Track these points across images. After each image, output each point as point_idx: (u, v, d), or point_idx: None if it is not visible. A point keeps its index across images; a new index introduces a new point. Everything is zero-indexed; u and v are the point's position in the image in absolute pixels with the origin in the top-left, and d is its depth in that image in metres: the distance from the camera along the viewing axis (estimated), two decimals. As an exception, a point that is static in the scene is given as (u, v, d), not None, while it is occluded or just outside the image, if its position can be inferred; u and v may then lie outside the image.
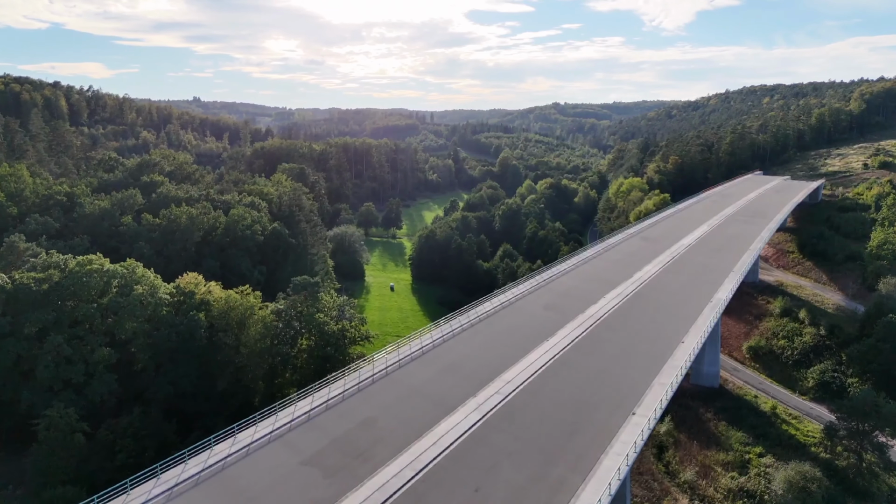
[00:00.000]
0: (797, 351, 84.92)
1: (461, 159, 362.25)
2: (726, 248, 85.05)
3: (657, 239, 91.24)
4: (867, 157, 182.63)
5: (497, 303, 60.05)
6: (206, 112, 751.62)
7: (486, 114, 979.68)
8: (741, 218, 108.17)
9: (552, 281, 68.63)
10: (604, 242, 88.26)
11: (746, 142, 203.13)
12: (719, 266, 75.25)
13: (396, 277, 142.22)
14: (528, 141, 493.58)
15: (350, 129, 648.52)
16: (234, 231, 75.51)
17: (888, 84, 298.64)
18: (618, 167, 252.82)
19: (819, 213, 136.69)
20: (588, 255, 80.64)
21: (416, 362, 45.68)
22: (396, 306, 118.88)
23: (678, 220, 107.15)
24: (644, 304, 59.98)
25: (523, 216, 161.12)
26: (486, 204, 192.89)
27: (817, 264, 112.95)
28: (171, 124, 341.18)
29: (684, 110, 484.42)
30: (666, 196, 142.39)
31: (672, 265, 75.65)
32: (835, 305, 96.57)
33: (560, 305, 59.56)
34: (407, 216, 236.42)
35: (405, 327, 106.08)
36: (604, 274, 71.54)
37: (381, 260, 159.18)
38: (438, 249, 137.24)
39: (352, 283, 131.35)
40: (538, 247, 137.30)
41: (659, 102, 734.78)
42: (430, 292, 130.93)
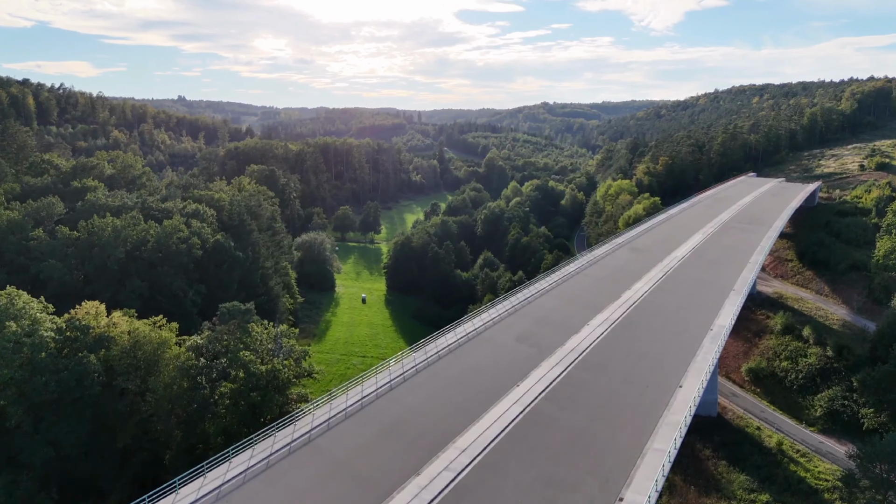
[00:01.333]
0: (802, 374, 76.81)
1: (447, 160, 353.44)
2: (724, 262, 76.70)
3: (647, 250, 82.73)
4: (863, 158, 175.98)
5: (463, 333, 51.00)
6: (191, 111, 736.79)
7: (475, 113, 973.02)
8: (737, 225, 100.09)
9: (529, 303, 59.74)
10: (589, 254, 79.61)
11: (738, 142, 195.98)
12: (717, 283, 66.80)
13: (370, 287, 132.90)
14: (515, 141, 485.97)
15: (336, 129, 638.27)
16: (167, 245, 65.87)
17: (878, 84, 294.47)
18: (606, 168, 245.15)
19: (817, 217, 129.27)
20: (571, 269, 71.88)
21: (351, 420, 36.51)
22: (367, 321, 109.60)
23: (670, 227, 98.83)
24: (634, 334, 51.23)
25: (506, 221, 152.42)
26: (468, 207, 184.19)
27: (818, 274, 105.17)
28: (144, 123, 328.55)
29: (673, 110, 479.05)
30: (656, 200, 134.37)
31: (665, 282, 67.09)
32: (840, 321, 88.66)
33: (536, 336, 50.64)
34: (387, 219, 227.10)
35: (373, 346, 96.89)
36: (588, 294, 62.77)
37: (356, 268, 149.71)
38: (415, 258, 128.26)
39: (320, 294, 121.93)
40: (521, 254, 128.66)
41: (648, 102, 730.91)
42: (405, 304, 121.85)
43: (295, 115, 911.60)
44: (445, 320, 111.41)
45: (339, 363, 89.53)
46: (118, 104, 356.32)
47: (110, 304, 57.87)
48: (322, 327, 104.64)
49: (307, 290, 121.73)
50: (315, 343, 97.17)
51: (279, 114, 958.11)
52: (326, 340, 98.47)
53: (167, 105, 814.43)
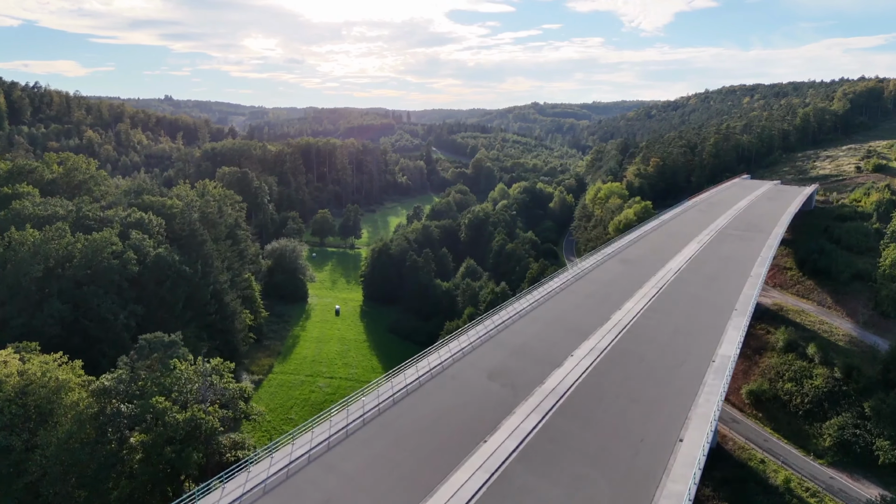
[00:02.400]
0: (808, 398, 70.11)
1: (434, 160, 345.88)
2: (723, 275, 69.84)
3: (639, 261, 75.74)
4: (859, 160, 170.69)
5: (426, 368, 43.51)
6: (178, 111, 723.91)
7: (465, 113, 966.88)
8: (734, 232, 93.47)
9: (507, 327, 52.39)
10: (576, 267, 72.43)
11: (731, 143, 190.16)
12: (717, 302, 59.87)
13: (346, 297, 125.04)
14: (505, 141, 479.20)
15: (324, 129, 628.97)
16: (97, 260, 57.88)
17: (870, 84, 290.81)
18: (596, 169, 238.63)
19: (815, 222, 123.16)
20: (556, 285, 64.65)
21: (271, 498, 28.86)
22: (338, 336, 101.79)
23: (663, 235, 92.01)
24: (625, 369, 44.01)
25: (491, 226, 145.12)
26: (453, 211, 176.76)
27: (820, 283, 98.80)
28: (121, 123, 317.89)
29: (664, 110, 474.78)
30: (647, 204, 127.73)
31: (659, 301, 60.04)
32: (846, 336, 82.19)
33: (511, 371, 43.30)
34: (370, 222, 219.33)
35: (343, 365, 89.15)
36: (573, 315, 55.55)
37: (333, 275, 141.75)
38: (393, 266, 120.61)
39: (291, 306, 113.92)
40: (505, 262, 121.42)
41: (638, 102, 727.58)
42: (381, 316, 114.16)
43: (284, 115, 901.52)
44: (423, 334, 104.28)
45: (304, 386, 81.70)
46: (94, 103, 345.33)
47: (23, 332, 49.94)
48: (289, 344, 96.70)
49: (276, 301, 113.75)
50: (279, 362, 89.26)
51: (267, 114, 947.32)
52: (292, 359, 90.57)
53: (153, 105, 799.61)
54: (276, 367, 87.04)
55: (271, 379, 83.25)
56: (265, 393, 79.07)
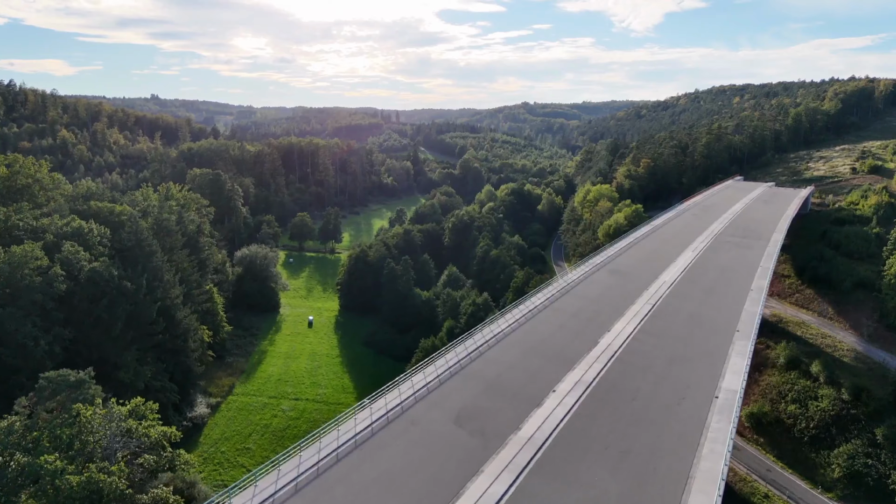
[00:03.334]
0: (813, 423, 64.41)
1: (421, 161, 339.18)
2: (721, 289, 63.92)
3: (630, 273, 69.66)
4: (854, 161, 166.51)
5: (382, 410, 36.94)
6: (164, 110, 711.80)
7: (455, 113, 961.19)
8: (731, 239, 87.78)
9: (481, 354, 45.97)
10: (561, 280, 66.16)
11: (723, 143, 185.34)
12: (717, 321, 53.87)
13: (321, 307, 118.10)
14: (494, 142, 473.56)
15: (311, 129, 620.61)
16: (15, 278, 50.78)
17: (861, 83, 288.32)
18: (586, 170, 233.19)
19: (812, 226, 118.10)
20: (538, 302, 58.35)
21: None
22: (309, 351, 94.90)
23: (655, 242, 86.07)
24: (615, 409, 37.76)
25: (476, 230, 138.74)
26: (437, 214, 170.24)
27: (820, 292, 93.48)
28: (98, 122, 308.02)
29: (654, 110, 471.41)
30: (638, 207, 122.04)
31: (652, 320, 53.92)
32: (851, 351, 76.69)
33: (483, 413, 36.88)
34: (353, 225, 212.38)
35: (312, 384, 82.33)
36: (557, 339, 49.25)
37: (309, 282, 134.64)
38: (371, 273, 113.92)
39: (260, 318, 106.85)
40: (489, 269, 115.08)
41: (628, 102, 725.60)
42: (358, 327, 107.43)
43: (272, 114, 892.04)
44: (400, 348, 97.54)
45: (266, 409, 74.80)
46: (71, 102, 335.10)
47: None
48: (254, 360, 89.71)
49: (245, 313, 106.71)
50: (241, 382, 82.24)
51: (255, 113, 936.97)
52: (256, 378, 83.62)
53: (139, 104, 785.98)
54: (238, 388, 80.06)
55: (231, 402, 76.27)
56: (222, 418, 72.10)
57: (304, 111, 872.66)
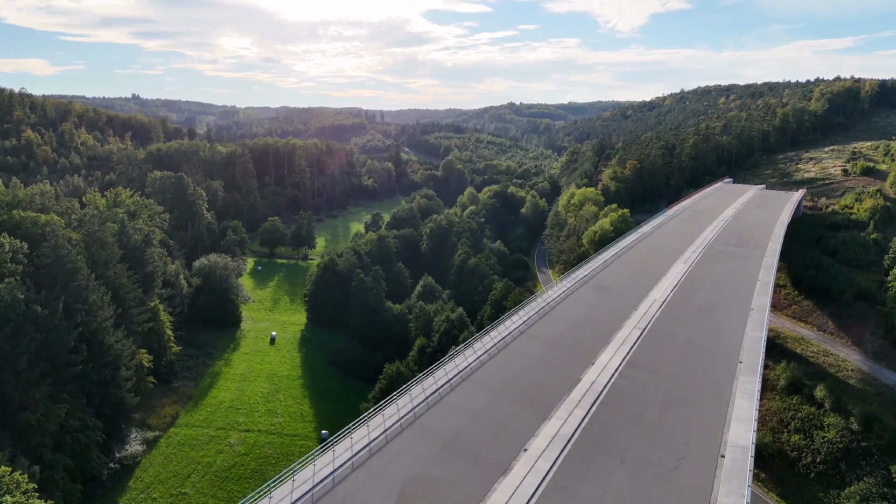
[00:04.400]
0: (821, 457, 57.75)
1: (404, 162, 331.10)
2: (719, 308, 57.05)
3: (617, 289, 62.58)
4: (844, 162, 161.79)
5: (307, 485, 29.15)
6: (145, 110, 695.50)
7: (441, 113, 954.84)
8: (724, 248, 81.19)
9: (441, 399, 38.46)
10: (540, 299, 58.84)
11: (711, 144, 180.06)
12: (717, 351, 46.89)
13: (287, 321, 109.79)
14: (479, 142, 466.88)
15: (294, 129, 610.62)
16: None
17: (847, 84, 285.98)
18: (571, 171, 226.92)
19: (805, 230, 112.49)
20: (513, 327, 50.95)
21: None
22: (268, 372, 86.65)
23: (644, 252, 79.17)
24: (599, 476, 30.40)
25: (454, 236, 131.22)
26: (416, 218, 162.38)
27: (819, 304, 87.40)
28: (66, 122, 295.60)
29: (640, 110, 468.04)
30: (625, 212, 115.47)
31: (643, 350, 46.78)
32: (856, 371, 70.41)
33: (434, 489, 29.30)
34: (331, 229, 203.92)
35: (267, 412, 74.15)
36: (532, 377, 41.89)
37: (277, 293, 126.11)
38: (340, 285, 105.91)
39: (218, 334, 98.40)
40: (467, 279, 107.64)
41: (614, 103, 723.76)
42: (325, 344, 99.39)
43: (256, 114, 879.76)
44: (368, 368, 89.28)
45: (211, 444, 66.54)
46: (39, 101, 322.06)
47: None
48: (205, 384, 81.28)
49: (201, 329, 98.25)
50: (187, 410, 73.80)
51: (238, 113, 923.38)
52: (204, 405, 75.23)
53: (119, 104, 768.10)
54: (182, 418, 71.66)
55: (172, 435, 67.90)
56: (160, 455, 63.72)
57: (287, 111, 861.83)
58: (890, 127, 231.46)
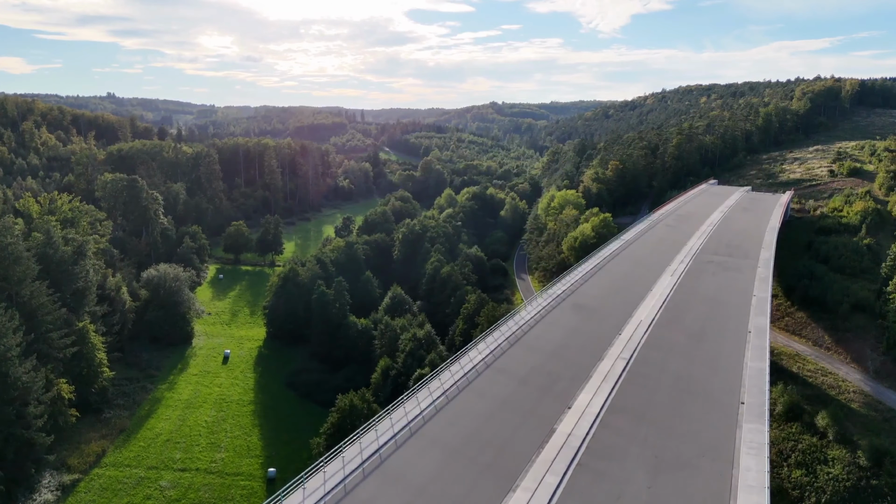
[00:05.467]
0: (826, 496, 51.39)
1: (382, 162, 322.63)
2: (712, 331, 50.40)
3: (598, 309, 55.67)
4: (830, 163, 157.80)
5: None
6: (120, 109, 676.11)
7: (423, 113, 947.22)
8: (714, 257, 74.89)
9: (381, 463, 31.01)
10: (512, 322, 51.61)
11: (694, 144, 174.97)
12: (714, 387, 40.13)
13: (244, 336, 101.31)
14: (460, 142, 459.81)
15: (273, 128, 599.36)
16: None
17: (828, 83, 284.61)
18: (552, 172, 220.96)
19: (795, 235, 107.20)
20: (479, 359, 43.71)
21: None
22: (216, 397, 78.28)
23: (627, 263, 72.47)
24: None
25: (428, 241, 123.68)
26: (390, 222, 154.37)
27: (814, 316, 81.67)
28: (26, 121, 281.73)
29: (621, 110, 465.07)
30: (607, 216, 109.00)
31: (627, 387, 39.86)
32: (858, 393, 64.49)
33: None
34: (302, 233, 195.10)
35: (209, 446, 65.92)
36: (497, 428, 34.66)
37: (237, 304, 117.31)
38: (301, 296, 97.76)
39: (165, 352, 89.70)
40: (440, 289, 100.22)
41: (596, 102, 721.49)
42: (284, 362, 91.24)
43: (235, 114, 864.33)
44: (329, 390, 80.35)
45: (139, 488, 58.12)
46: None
47: None
48: (142, 413, 72.62)
49: (147, 347, 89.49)
50: (117, 447, 65.15)
51: (217, 112, 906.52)
52: (137, 440, 66.66)
53: (93, 103, 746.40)
54: (110, 456, 63.05)
55: (95, 477, 59.35)
56: (76, 504, 55.22)
57: (266, 110, 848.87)
58: (871, 126, 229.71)
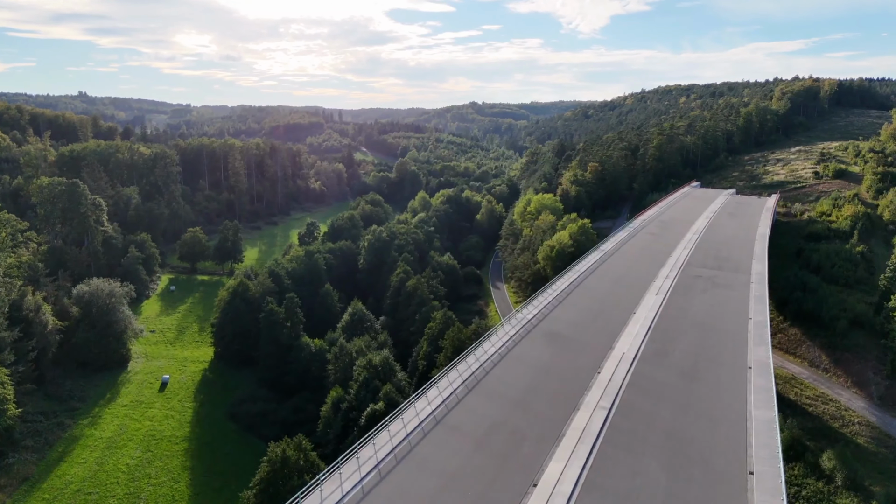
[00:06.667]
0: (838, 556, 44.16)
1: (356, 163, 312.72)
2: (706, 367, 42.85)
3: (574, 339, 47.82)
4: (814, 164, 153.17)
5: None
6: (91, 108, 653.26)
7: (403, 113, 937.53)
8: (702, 271, 67.71)
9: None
10: (472, 359, 43.46)
11: (675, 145, 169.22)
12: (714, 449, 32.42)
13: (189, 357, 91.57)
14: (439, 142, 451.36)
15: (248, 128, 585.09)
16: None
17: (806, 83, 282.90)
18: (531, 173, 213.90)
19: (783, 242, 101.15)
20: (426, 413, 35.47)
21: None
22: (146, 432, 68.72)
23: (607, 279, 64.82)
24: None
25: (395, 249, 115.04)
26: (358, 228, 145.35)
27: (809, 333, 75.13)
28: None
29: (601, 110, 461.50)
30: (586, 223, 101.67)
31: (607, 449, 31.97)
32: (866, 426, 57.75)
33: None
34: (268, 238, 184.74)
35: (126, 496, 56.63)
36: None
37: (186, 319, 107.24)
38: (251, 313, 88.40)
39: (95, 379, 79.87)
40: (405, 304, 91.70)
41: (575, 103, 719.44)
42: (229, 388, 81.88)
43: (210, 113, 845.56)
44: (275, 423, 69.80)
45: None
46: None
47: None
48: (55, 455, 62.81)
49: (74, 374, 79.38)
50: (15, 502, 55.39)
51: (192, 112, 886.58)
52: (44, 490, 56.88)
53: (64, 102, 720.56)
54: (3, 515, 53.37)
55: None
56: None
57: (243, 110, 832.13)
58: (850, 126, 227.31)
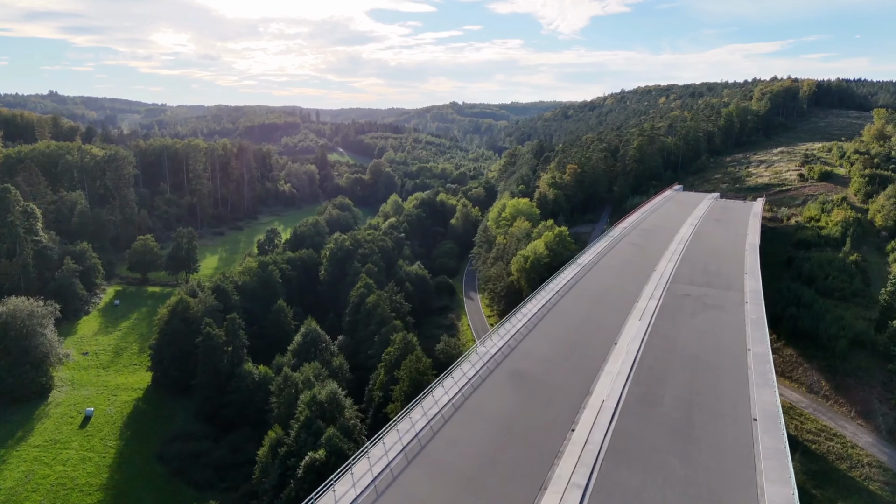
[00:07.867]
0: None
1: (330, 164, 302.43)
2: (703, 419, 35.17)
3: (544, 380, 39.85)
4: (799, 165, 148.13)
5: None
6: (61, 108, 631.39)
7: (383, 113, 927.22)
8: (690, 289, 60.39)
9: None
10: (417, 413, 35.28)
11: (656, 146, 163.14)
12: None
13: (122, 384, 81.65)
14: (417, 142, 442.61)
15: (223, 128, 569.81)
16: None
17: (786, 84, 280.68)
18: (509, 175, 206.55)
19: (772, 249, 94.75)
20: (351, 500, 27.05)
21: None
22: (55, 479, 59.11)
23: (585, 300, 57.04)
24: None
25: (358, 259, 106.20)
26: (322, 234, 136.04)
27: (806, 354, 68.26)
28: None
29: (581, 110, 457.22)
30: (563, 231, 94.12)
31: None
32: (877, 468, 50.76)
33: None
34: (231, 244, 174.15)
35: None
36: None
37: (125, 339, 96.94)
38: (190, 336, 78.80)
39: (5, 415, 69.55)
40: (364, 323, 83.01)
41: (555, 103, 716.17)
42: (164, 421, 72.25)
43: (186, 113, 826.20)
44: (209, 465, 57.73)
45: None
46: None
47: None
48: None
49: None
50: None
51: (166, 112, 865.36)
52: None
53: (33, 101, 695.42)
54: None
55: None
56: None
57: (219, 110, 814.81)
58: (830, 127, 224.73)
